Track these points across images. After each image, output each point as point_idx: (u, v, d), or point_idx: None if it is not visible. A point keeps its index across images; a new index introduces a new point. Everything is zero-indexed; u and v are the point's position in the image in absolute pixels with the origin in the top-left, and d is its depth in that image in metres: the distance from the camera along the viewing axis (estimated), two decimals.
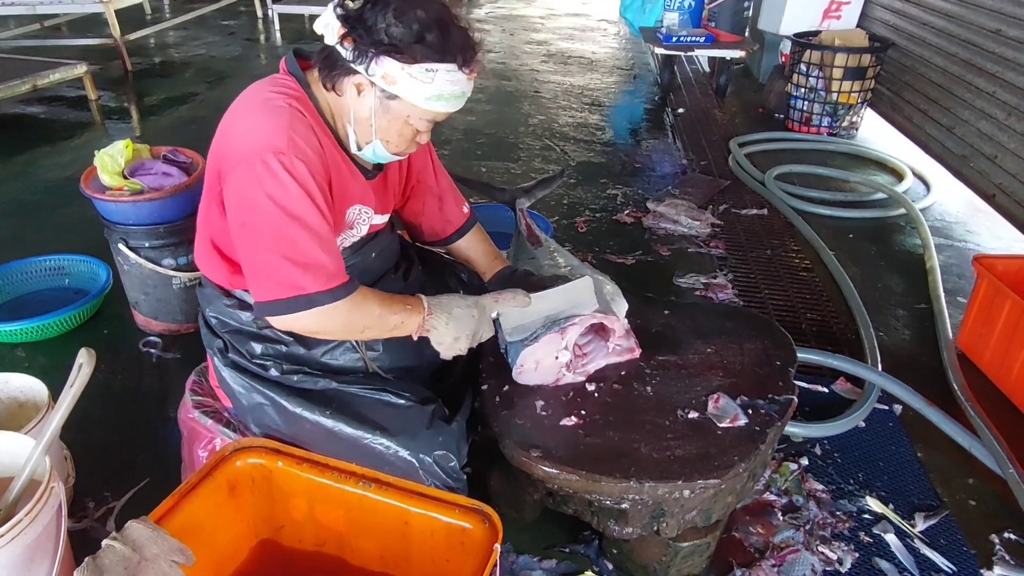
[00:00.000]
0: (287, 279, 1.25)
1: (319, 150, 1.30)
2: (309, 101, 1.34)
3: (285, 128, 1.26)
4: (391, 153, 1.39)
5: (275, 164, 1.23)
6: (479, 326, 1.41)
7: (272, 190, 1.24)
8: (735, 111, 5.02)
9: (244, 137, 1.28)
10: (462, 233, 1.72)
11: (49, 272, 2.55)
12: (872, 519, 1.79)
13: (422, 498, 1.23)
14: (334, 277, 1.27)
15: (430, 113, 1.31)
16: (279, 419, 1.42)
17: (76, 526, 1.65)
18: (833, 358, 2.25)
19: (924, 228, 3.23)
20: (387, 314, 1.35)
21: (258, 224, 1.26)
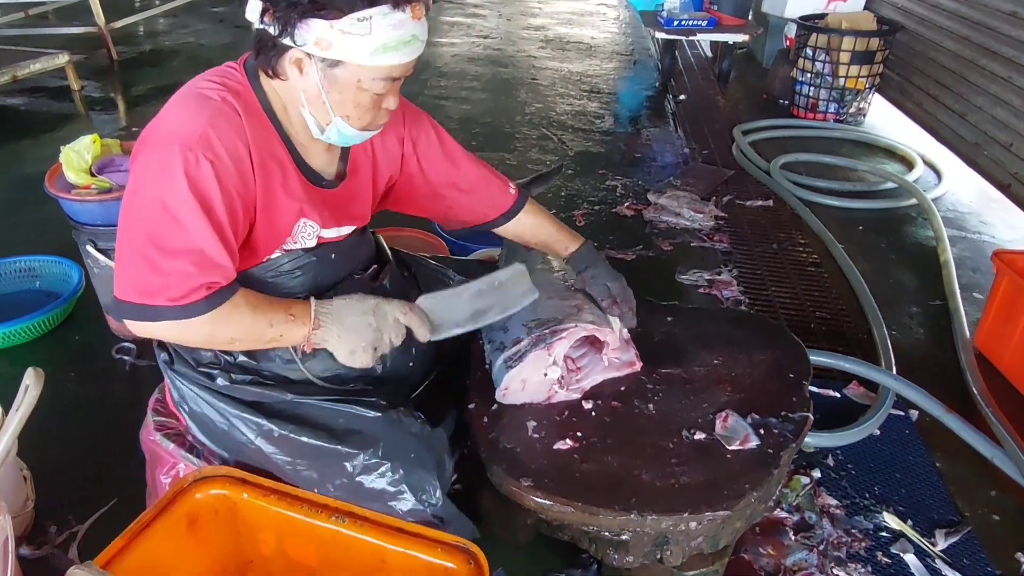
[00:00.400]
0: (142, 283, 1.13)
1: (240, 155, 1.16)
2: (253, 96, 1.21)
3: (203, 121, 1.13)
4: (359, 129, 1.24)
5: (176, 157, 1.10)
6: (381, 335, 1.26)
7: (161, 181, 1.11)
8: (738, 97, 4.87)
9: (159, 122, 1.16)
10: (509, 217, 1.58)
11: (18, 274, 2.42)
12: (890, 537, 1.67)
13: (400, 534, 1.12)
14: (195, 291, 1.13)
15: (382, 70, 1.16)
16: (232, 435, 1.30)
17: (36, 553, 1.53)
18: (845, 360, 2.13)
19: (936, 219, 3.10)
20: (260, 326, 1.20)
21: (136, 213, 1.14)
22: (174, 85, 4.75)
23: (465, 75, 5.26)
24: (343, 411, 1.28)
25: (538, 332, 1.37)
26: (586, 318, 1.41)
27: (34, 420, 1.86)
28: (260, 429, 1.28)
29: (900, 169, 3.71)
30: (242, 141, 1.16)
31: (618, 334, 1.47)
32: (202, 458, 1.33)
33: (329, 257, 1.38)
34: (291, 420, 1.28)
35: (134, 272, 1.14)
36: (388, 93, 1.22)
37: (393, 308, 1.28)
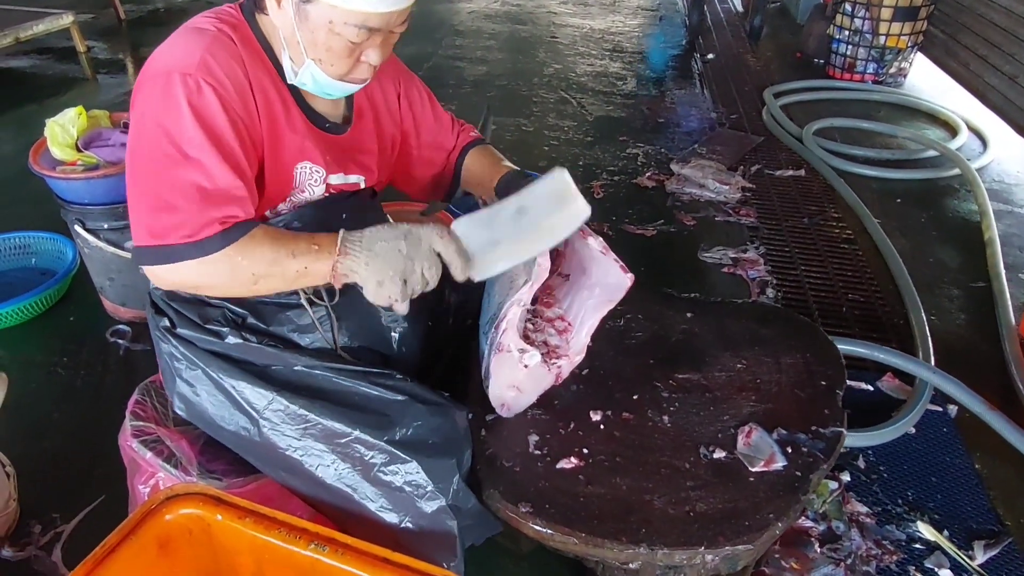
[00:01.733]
0: (154, 223, 1.04)
1: (241, 82, 1.08)
2: (250, 32, 1.13)
3: (200, 49, 1.05)
4: (333, 77, 1.12)
5: (177, 85, 1.02)
6: (412, 263, 1.08)
7: (163, 114, 1.03)
8: (770, 56, 4.61)
9: (155, 57, 1.08)
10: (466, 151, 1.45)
11: (14, 251, 2.35)
12: (924, 549, 1.55)
13: (386, 565, 1.02)
14: (207, 225, 1.03)
15: (355, 15, 1.04)
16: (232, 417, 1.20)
17: (19, 555, 1.48)
18: (879, 350, 1.99)
19: (981, 191, 2.89)
20: (284, 258, 1.08)
21: (142, 153, 1.06)
22: None
23: (482, 33, 5.05)
24: (360, 390, 1.17)
25: (490, 334, 1.18)
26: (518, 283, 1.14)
27: (23, 410, 1.82)
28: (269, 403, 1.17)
29: (942, 136, 3.48)
30: (241, 69, 1.09)
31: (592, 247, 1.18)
32: (180, 468, 1.23)
33: (340, 217, 1.24)
34: (303, 394, 1.17)
35: (145, 213, 1.05)
36: (367, 45, 1.10)
37: (427, 233, 1.10)
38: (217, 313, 1.22)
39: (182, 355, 1.22)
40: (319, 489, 1.18)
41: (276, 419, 1.18)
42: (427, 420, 1.15)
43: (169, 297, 1.25)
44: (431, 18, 5.33)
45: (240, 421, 1.20)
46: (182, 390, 1.24)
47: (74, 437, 1.77)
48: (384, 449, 1.13)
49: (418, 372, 1.39)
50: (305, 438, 1.17)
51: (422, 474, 1.11)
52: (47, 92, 4.00)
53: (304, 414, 1.16)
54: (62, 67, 4.37)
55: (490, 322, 1.20)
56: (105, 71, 4.33)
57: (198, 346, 1.21)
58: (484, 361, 1.21)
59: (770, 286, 2.40)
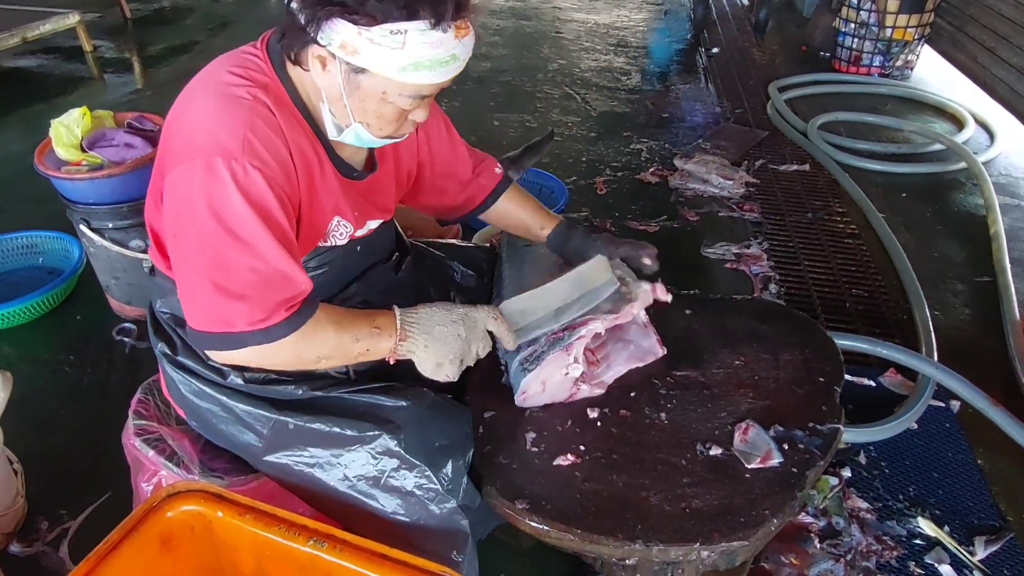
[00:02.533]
0: (216, 311, 1.03)
1: (283, 156, 1.05)
2: (281, 87, 1.09)
3: (241, 127, 1.01)
4: (379, 138, 1.13)
5: (223, 170, 0.99)
6: (469, 346, 1.17)
7: (214, 201, 1.00)
8: (775, 50, 4.58)
9: (192, 130, 1.04)
10: (497, 194, 1.46)
11: (21, 250, 2.37)
12: (924, 545, 1.56)
13: (384, 561, 1.03)
14: (275, 311, 1.03)
15: (410, 87, 1.03)
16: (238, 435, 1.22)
17: (26, 551, 1.50)
18: (882, 346, 1.98)
19: (987, 185, 2.87)
20: (347, 342, 1.11)
21: (192, 239, 1.03)
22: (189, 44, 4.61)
23: (486, 28, 5.04)
24: (364, 399, 1.19)
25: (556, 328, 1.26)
26: (603, 308, 1.29)
27: (30, 408, 1.85)
28: (272, 423, 1.20)
29: (949, 129, 3.46)
30: (281, 140, 1.06)
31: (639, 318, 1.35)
32: (182, 466, 1.25)
33: (354, 250, 1.29)
34: (308, 410, 1.19)
35: (205, 301, 1.04)
36: (417, 107, 1.09)
37: (482, 316, 1.18)
38: None
39: (183, 379, 1.24)
40: (330, 495, 1.20)
41: (283, 437, 1.20)
42: (432, 423, 1.16)
43: (175, 321, 1.26)
44: None
45: (247, 438, 1.22)
46: (186, 404, 1.27)
47: (80, 434, 1.80)
48: (393, 455, 1.14)
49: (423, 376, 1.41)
50: (314, 450, 1.19)
51: (432, 477, 1.13)
52: (54, 91, 4.03)
53: (311, 428, 1.18)
54: (69, 66, 4.40)
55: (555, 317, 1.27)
56: (112, 70, 4.36)
57: (199, 375, 1.23)
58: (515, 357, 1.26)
59: (773, 282, 2.40)
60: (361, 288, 1.33)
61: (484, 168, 1.47)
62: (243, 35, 5.27)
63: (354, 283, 1.33)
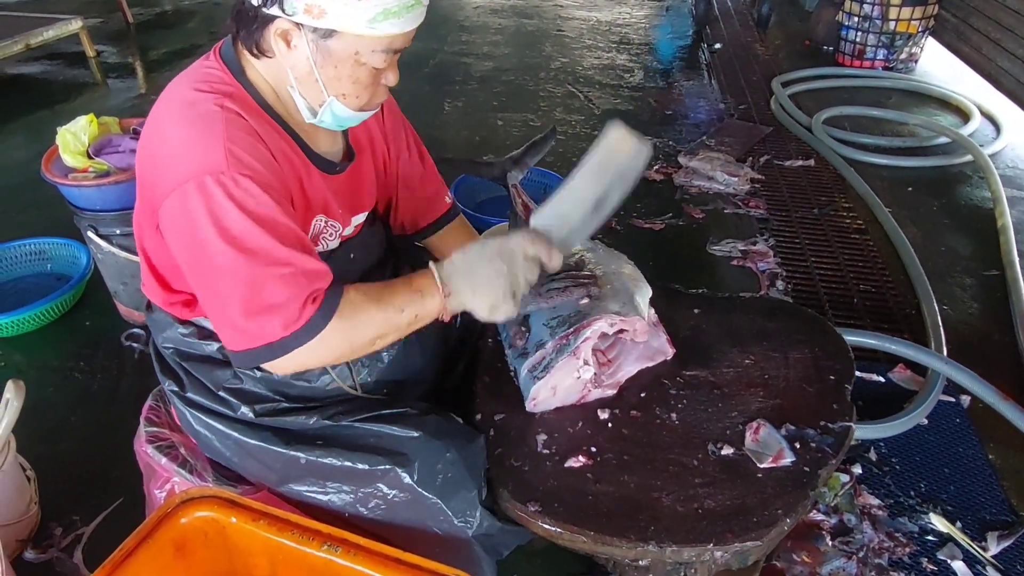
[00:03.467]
0: (251, 328, 1.02)
1: (268, 158, 1.04)
2: (245, 92, 1.07)
3: (219, 139, 0.99)
4: (355, 110, 1.10)
5: (214, 188, 0.98)
6: (517, 277, 1.12)
7: (216, 221, 0.99)
8: (779, 45, 4.57)
9: (172, 159, 1.02)
10: (441, 224, 1.45)
11: (30, 257, 2.38)
12: (936, 541, 1.55)
13: (398, 565, 1.03)
14: (305, 309, 1.02)
15: (382, 40, 1.01)
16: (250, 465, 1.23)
17: (41, 557, 1.51)
18: (891, 341, 1.98)
19: (994, 178, 2.86)
20: (393, 315, 1.09)
21: (206, 265, 1.02)
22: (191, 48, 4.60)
23: (488, 28, 5.04)
24: (375, 430, 1.19)
25: (561, 333, 1.25)
26: (611, 308, 1.28)
27: (41, 415, 1.86)
28: (284, 458, 1.20)
29: (955, 122, 3.44)
30: (259, 141, 1.05)
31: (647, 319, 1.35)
32: (195, 473, 1.25)
33: (348, 257, 1.28)
34: (320, 444, 1.19)
35: (237, 321, 1.03)
36: (388, 67, 1.08)
37: (518, 243, 1.13)
38: (228, 375, 1.22)
39: (194, 415, 1.24)
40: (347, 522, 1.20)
41: (295, 471, 1.20)
42: (443, 455, 1.15)
43: (180, 356, 1.25)
44: (436, 14, 5.32)
45: (260, 471, 1.23)
46: (199, 438, 1.27)
47: (92, 440, 1.80)
48: (405, 488, 1.14)
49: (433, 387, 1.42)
50: (327, 484, 1.19)
51: (445, 511, 1.13)
52: (58, 98, 4.04)
53: (323, 463, 1.18)
54: (72, 72, 4.41)
55: (558, 323, 1.25)
56: (115, 75, 4.37)
57: (210, 410, 1.23)
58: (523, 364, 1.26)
59: (780, 278, 2.39)
60: None
61: (436, 188, 1.44)
62: None
63: None
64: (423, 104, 3.76)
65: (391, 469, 1.14)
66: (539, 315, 1.33)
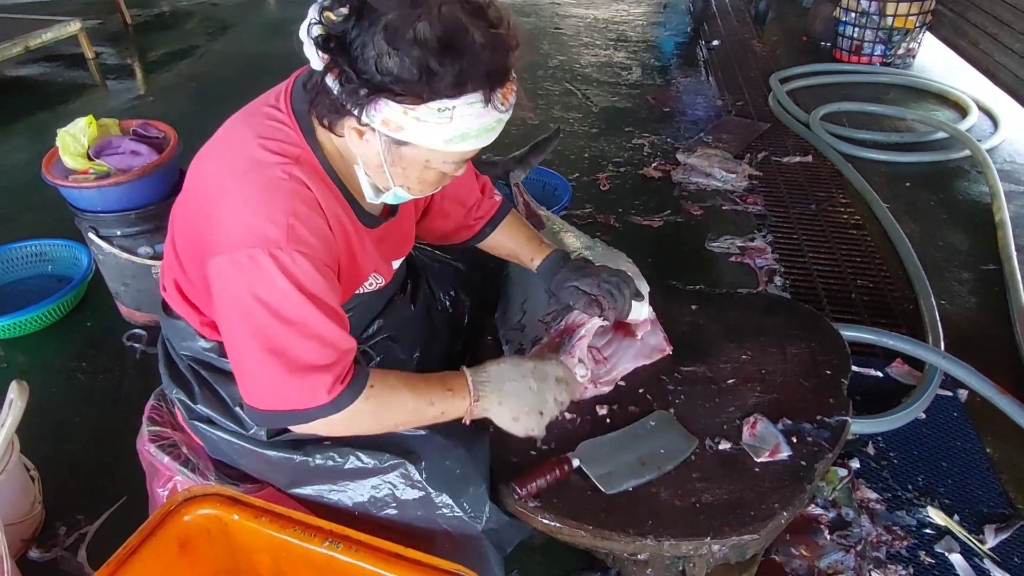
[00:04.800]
0: (280, 392, 1.04)
1: (326, 233, 1.05)
2: (313, 156, 1.06)
3: (284, 214, 0.99)
4: (418, 196, 1.12)
5: (267, 262, 0.98)
6: (544, 397, 1.16)
7: (263, 293, 0.99)
8: (776, 41, 4.57)
9: (232, 219, 1.01)
10: (495, 223, 1.44)
11: (31, 258, 2.39)
12: (934, 534, 1.56)
13: (400, 561, 1.04)
14: (335, 384, 1.04)
15: (455, 155, 1.00)
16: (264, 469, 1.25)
17: (45, 556, 1.52)
18: (888, 337, 1.99)
19: (992, 172, 2.87)
20: (423, 406, 1.12)
21: (245, 327, 1.03)
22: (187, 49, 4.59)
23: None
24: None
25: (555, 328, 1.27)
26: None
27: (45, 415, 1.87)
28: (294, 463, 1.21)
29: (952, 117, 3.45)
30: (320, 215, 1.04)
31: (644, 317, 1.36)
32: (197, 472, 1.27)
33: (379, 290, 1.30)
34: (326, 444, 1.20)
35: (264, 383, 1.05)
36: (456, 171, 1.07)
37: (553, 367, 1.19)
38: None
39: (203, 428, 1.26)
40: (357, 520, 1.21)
41: (305, 474, 1.21)
42: (451, 452, 1.17)
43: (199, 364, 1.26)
44: None
45: (270, 474, 1.24)
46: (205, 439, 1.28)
47: (95, 440, 1.81)
48: (416, 485, 1.16)
49: None
50: (338, 483, 1.21)
51: (454, 507, 1.15)
52: (58, 99, 4.05)
53: (333, 464, 1.19)
54: (71, 74, 4.42)
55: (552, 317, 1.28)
56: (114, 77, 4.37)
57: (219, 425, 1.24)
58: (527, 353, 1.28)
59: (778, 274, 2.40)
60: (384, 324, 1.35)
61: (488, 194, 1.44)
62: (243, 39, 5.27)
63: (377, 319, 1.35)
64: None
65: (401, 464, 1.16)
66: (534, 311, 1.34)
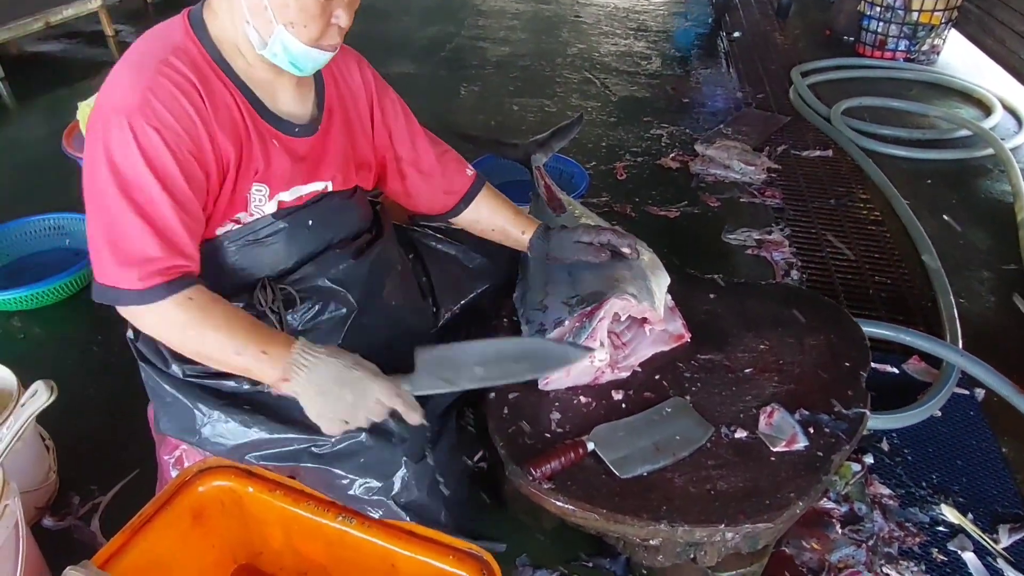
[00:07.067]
0: (105, 264, 1.07)
1: (187, 117, 1.07)
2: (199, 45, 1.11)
3: (142, 87, 1.04)
4: (307, 43, 1.09)
5: (122, 125, 1.03)
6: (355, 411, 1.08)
7: (112, 155, 1.04)
8: (798, 34, 4.52)
9: (101, 94, 1.09)
10: (467, 202, 1.44)
11: (49, 232, 2.40)
12: (947, 532, 1.55)
13: (411, 538, 1.05)
14: (154, 275, 1.05)
15: None
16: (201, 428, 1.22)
17: (59, 525, 1.53)
18: (906, 333, 1.96)
19: (1015, 171, 2.82)
20: (228, 351, 1.08)
21: (93, 191, 1.07)
22: None
23: (505, 13, 5.01)
24: None
25: (579, 311, 1.25)
26: (627, 290, 1.29)
27: (61, 386, 1.87)
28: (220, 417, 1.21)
29: (976, 115, 3.40)
30: (190, 101, 1.07)
31: (662, 306, 1.35)
32: None
33: (305, 223, 1.27)
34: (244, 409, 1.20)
35: (97, 252, 1.08)
36: (336, 4, 1.08)
37: (378, 388, 1.08)
38: None
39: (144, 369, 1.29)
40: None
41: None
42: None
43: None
44: None
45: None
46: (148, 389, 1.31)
47: (110, 412, 1.83)
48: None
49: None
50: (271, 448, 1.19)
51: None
52: (77, 76, 4.06)
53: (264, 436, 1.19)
54: (91, 51, 4.43)
55: (577, 301, 1.26)
56: None
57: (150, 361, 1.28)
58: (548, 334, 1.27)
59: (795, 268, 2.38)
60: (313, 270, 1.29)
61: (451, 164, 1.44)
62: None
63: (310, 262, 1.29)
64: (439, 88, 3.75)
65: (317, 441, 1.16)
66: (557, 293, 1.33)
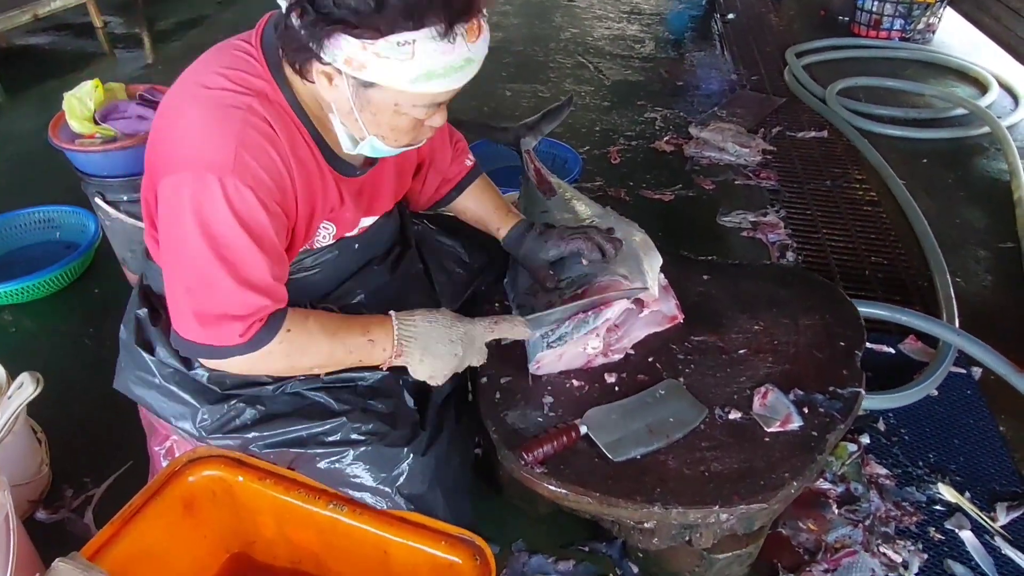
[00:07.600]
0: (201, 326, 1.03)
1: (276, 169, 1.02)
2: (279, 92, 1.04)
3: (233, 142, 0.98)
4: (395, 148, 1.08)
5: (214, 186, 0.97)
6: (463, 360, 1.16)
7: (203, 217, 0.99)
8: (793, 15, 4.49)
9: (183, 141, 1.01)
10: (458, 191, 1.43)
11: (38, 225, 2.38)
12: (944, 511, 1.54)
13: (403, 525, 1.04)
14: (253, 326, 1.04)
15: (424, 97, 0.97)
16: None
17: (52, 518, 1.52)
18: (902, 312, 1.95)
19: (1011, 149, 2.81)
20: (340, 353, 1.12)
21: (179, 251, 1.03)
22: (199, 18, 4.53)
23: None
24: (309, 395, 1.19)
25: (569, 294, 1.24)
26: (617, 271, 1.28)
27: (52, 379, 1.85)
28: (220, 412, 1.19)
29: (972, 93, 3.38)
30: (276, 151, 1.02)
31: (656, 285, 1.33)
32: None
33: (351, 248, 1.28)
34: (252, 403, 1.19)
35: (187, 312, 1.04)
36: (434, 115, 1.04)
37: (480, 332, 1.17)
38: None
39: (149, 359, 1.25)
40: None
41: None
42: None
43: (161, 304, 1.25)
44: None
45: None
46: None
47: (101, 405, 1.81)
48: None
49: None
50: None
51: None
52: (66, 68, 4.02)
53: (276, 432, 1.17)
54: (80, 43, 4.38)
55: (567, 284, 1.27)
56: (122, 46, 4.34)
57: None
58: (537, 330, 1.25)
59: (790, 250, 2.37)
60: (356, 285, 1.31)
61: (459, 157, 1.43)
62: (252, 9, 5.21)
63: (350, 280, 1.30)
64: None
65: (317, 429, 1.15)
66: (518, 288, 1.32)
